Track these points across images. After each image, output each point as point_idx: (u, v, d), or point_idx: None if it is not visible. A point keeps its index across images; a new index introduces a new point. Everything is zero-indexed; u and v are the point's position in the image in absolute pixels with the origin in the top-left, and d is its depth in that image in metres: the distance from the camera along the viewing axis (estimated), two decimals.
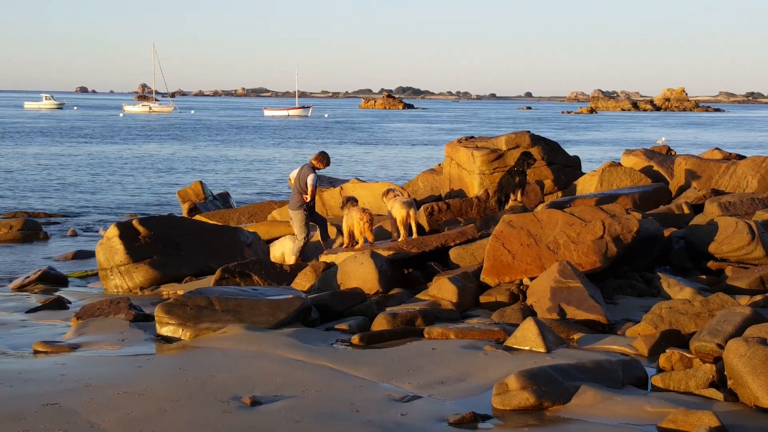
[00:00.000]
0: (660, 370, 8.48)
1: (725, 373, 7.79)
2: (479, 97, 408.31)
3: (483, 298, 11.81)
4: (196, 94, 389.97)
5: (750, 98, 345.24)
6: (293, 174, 15.68)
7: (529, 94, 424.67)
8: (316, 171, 15.38)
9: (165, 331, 10.52)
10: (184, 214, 24.09)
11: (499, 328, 10.11)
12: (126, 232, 15.24)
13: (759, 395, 7.41)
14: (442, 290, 11.78)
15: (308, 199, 15.10)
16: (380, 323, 10.61)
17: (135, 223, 15.58)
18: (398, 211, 14.04)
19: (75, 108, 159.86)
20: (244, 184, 39.14)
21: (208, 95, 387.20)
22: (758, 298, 10.50)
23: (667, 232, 13.77)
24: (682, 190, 17.65)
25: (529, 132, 21.17)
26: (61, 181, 38.52)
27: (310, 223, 15.54)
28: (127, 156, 53.47)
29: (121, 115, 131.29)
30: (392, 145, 69.47)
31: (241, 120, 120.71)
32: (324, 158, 15.43)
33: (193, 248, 15.77)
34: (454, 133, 78.72)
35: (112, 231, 15.27)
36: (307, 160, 15.93)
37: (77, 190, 35.09)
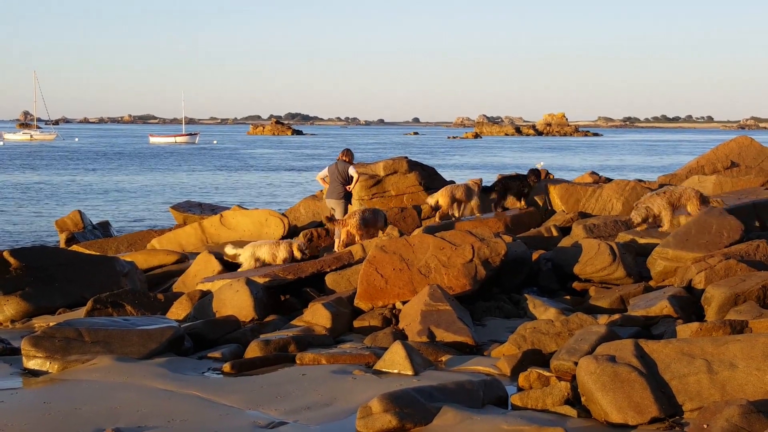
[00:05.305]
0: (520, 389, 8.78)
1: (579, 390, 8.12)
2: (368, 123, 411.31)
3: (357, 323, 11.95)
4: (81, 122, 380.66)
5: (627, 123, 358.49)
6: (322, 173, 18.13)
7: (416, 120, 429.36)
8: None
9: (32, 364, 10.31)
10: (62, 244, 23.55)
11: (369, 352, 10.27)
12: None
13: (608, 411, 7.75)
14: (316, 316, 11.89)
15: (352, 188, 17.72)
16: (253, 350, 10.62)
17: (6, 254, 15.21)
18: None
19: None
20: (126, 213, 38.45)
21: (93, 122, 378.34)
22: (616, 316, 10.93)
23: (535, 255, 14.19)
24: (551, 213, 18.26)
25: (406, 158, 21.56)
26: None
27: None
28: (5, 186, 51.85)
29: (1, 143, 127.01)
30: (270, 171, 69.48)
31: (126, 147, 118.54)
32: (350, 153, 17.97)
33: (68, 279, 15.46)
34: (324, 158, 79.80)
35: None
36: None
37: None
